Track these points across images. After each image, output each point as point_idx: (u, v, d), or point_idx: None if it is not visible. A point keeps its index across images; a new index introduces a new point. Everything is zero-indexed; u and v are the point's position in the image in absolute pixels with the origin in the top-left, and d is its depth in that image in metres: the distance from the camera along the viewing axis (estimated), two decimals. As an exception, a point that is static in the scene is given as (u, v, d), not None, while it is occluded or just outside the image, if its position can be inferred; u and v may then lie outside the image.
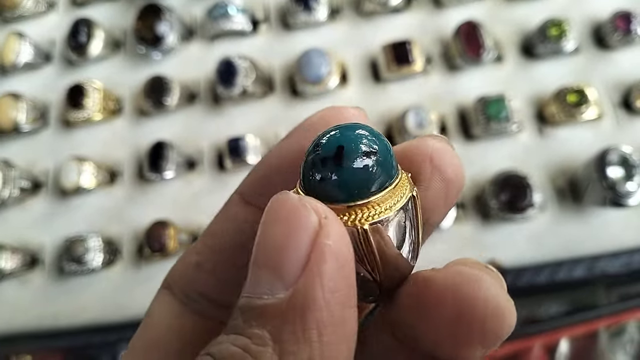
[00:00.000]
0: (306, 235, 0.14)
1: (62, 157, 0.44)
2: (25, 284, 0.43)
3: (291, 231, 0.15)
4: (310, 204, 0.15)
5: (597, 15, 0.45)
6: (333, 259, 0.14)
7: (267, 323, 0.14)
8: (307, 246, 0.14)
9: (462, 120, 0.43)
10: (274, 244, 0.15)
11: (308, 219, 0.15)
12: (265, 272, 0.15)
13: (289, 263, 0.14)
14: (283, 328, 0.14)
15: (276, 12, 0.48)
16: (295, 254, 0.14)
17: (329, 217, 0.15)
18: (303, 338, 0.14)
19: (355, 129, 0.17)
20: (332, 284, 0.14)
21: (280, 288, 0.14)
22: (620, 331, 0.40)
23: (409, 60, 0.44)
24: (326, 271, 0.14)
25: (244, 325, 0.14)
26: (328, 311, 0.14)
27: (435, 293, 0.16)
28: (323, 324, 0.14)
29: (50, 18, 0.51)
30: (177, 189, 0.44)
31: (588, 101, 0.41)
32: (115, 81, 0.48)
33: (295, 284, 0.14)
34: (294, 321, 0.14)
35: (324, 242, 0.14)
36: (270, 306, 0.14)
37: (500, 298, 0.16)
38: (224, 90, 0.44)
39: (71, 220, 0.44)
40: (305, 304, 0.14)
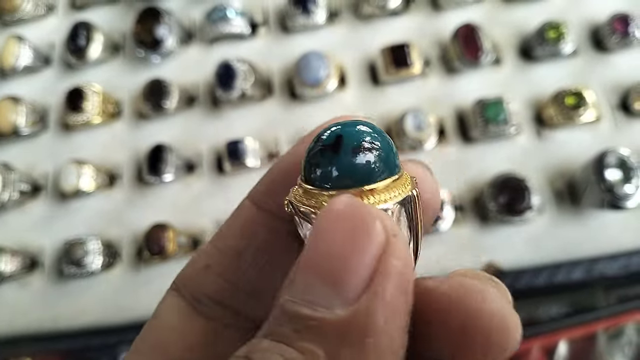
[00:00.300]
0: (373, 250, 0.13)
1: (62, 160, 0.44)
2: (24, 286, 0.43)
3: (358, 243, 0.14)
4: (379, 217, 0.14)
5: (595, 18, 0.45)
6: (398, 279, 0.14)
7: (323, 340, 0.13)
8: (373, 263, 0.13)
9: (461, 122, 0.43)
10: (336, 252, 0.14)
11: (377, 232, 0.14)
12: (322, 282, 0.14)
13: (352, 278, 0.13)
14: (340, 350, 0.13)
15: (275, 15, 0.48)
16: (360, 270, 0.13)
17: (397, 234, 0.14)
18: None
19: (356, 125, 0.17)
20: (394, 308, 0.13)
21: (339, 304, 0.13)
22: (619, 333, 0.40)
23: (407, 63, 0.44)
24: (390, 292, 0.13)
25: (293, 336, 0.13)
26: (388, 337, 0.13)
27: (437, 305, 0.16)
28: (382, 352, 0.13)
29: (50, 21, 0.51)
30: (176, 192, 0.44)
31: (586, 103, 0.41)
32: (115, 84, 0.48)
33: (356, 302, 0.13)
34: (352, 343, 0.13)
35: (391, 262, 0.14)
36: (327, 322, 0.13)
37: (506, 311, 0.15)
38: (223, 94, 0.44)
39: (71, 223, 0.44)
40: (366, 327, 0.13)
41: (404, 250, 0.14)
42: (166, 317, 0.20)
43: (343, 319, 0.13)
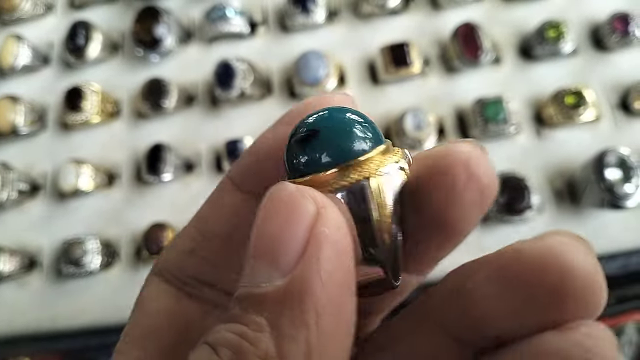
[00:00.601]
0: (304, 224, 0.15)
1: (60, 160, 0.44)
2: (23, 286, 0.43)
3: (288, 220, 0.15)
4: (308, 193, 0.15)
5: (595, 17, 0.45)
6: (330, 245, 0.14)
7: (265, 310, 0.14)
8: (304, 234, 0.14)
9: (460, 122, 0.43)
10: (271, 234, 0.15)
11: (306, 207, 0.15)
12: (262, 262, 0.15)
13: (286, 251, 0.14)
14: (280, 313, 0.14)
15: (274, 14, 0.48)
16: (293, 243, 0.14)
17: (327, 206, 0.15)
18: (300, 322, 0.14)
19: (335, 110, 0.17)
20: (330, 269, 0.14)
21: (278, 276, 0.14)
22: (618, 333, 0.40)
23: (407, 62, 0.44)
24: (323, 257, 0.14)
25: (241, 314, 0.15)
26: (326, 295, 0.14)
27: (531, 264, 0.16)
28: (321, 308, 0.14)
29: (49, 21, 0.51)
30: (175, 191, 0.44)
31: (586, 103, 0.41)
32: (113, 84, 0.48)
33: (293, 271, 0.14)
34: (292, 306, 0.14)
35: (321, 230, 0.15)
36: (267, 294, 0.14)
37: (598, 269, 0.15)
38: (222, 93, 0.44)
39: (69, 223, 0.44)
40: (302, 289, 0.14)
41: (335, 218, 0.15)
42: (153, 303, 0.20)
43: (280, 287, 0.14)
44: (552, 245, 0.16)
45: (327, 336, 0.14)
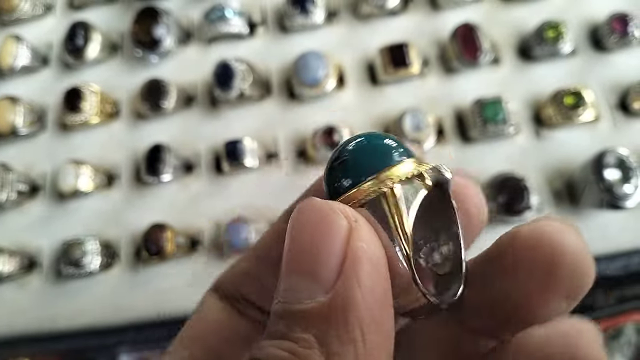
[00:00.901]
0: (339, 239, 0.15)
1: (60, 161, 0.44)
2: (23, 287, 0.43)
3: (323, 236, 0.15)
4: (338, 208, 0.15)
5: (594, 18, 0.45)
6: (367, 259, 0.15)
7: (311, 327, 0.15)
8: (341, 249, 0.15)
9: (459, 122, 0.43)
10: (307, 249, 0.15)
11: (339, 222, 0.15)
12: (300, 277, 0.15)
13: (325, 267, 0.15)
14: (327, 331, 0.14)
15: (273, 15, 0.48)
16: (331, 258, 0.15)
17: (359, 220, 0.15)
18: (347, 339, 0.14)
19: (373, 137, 0.18)
20: (369, 284, 0.15)
21: (320, 292, 0.15)
22: (618, 333, 0.40)
23: (406, 62, 0.44)
24: (362, 272, 0.15)
25: (286, 330, 0.15)
26: (368, 311, 0.15)
27: (525, 244, 0.17)
28: (365, 324, 0.14)
29: (48, 21, 0.51)
30: (175, 192, 0.44)
31: (585, 103, 0.41)
32: (113, 84, 0.48)
33: (334, 287, 0.15)
34: (337, 323, 0.14)
35: (357, 245, 0.15)
36: (312, 310, 0.15)
37: (586, 249, 0.16)
38: (221, 93, 0.44)
39: (69, 224, 0.44)
40: (346, 305, 0.14)
41: (368, 232, 0.15)
42: (206, 313, 0.22)
43: (324, 304, 0.15)
44: (544, 227, 0.17)
45: (372, 350, 0.15)
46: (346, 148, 0.18)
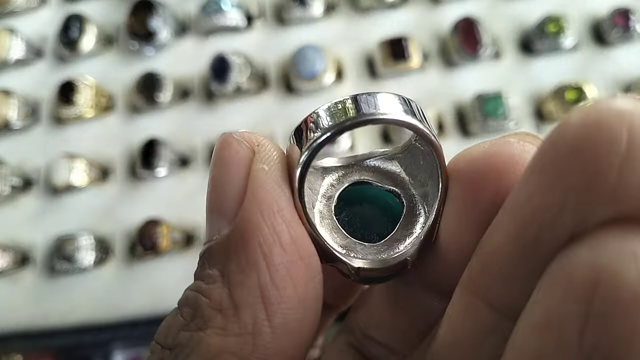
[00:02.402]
0: (238, 166, 0.14)
1: (54, 154, 0.44)
2: (15, 282, 0.42)
3: (225, 166, 0.14)
4: (241, 136, 0.15)
5: (596, 12, 0.45)
6: (269, 179, 0.14)
7: (216, 261, 0.14)
8: (242, 177, 0.14)
9: (460, 117, 0.43)
10: (215, 184, 0.15)
11: (238, 149, 0.14)
12: (212, 214, 0.15)
13: (227, 198, 0.14)
14: (229, 261, 0.14)
15: (271, 7, 0.48)
16: (233, 188, 0.14)
17: (261, 143, 0.15)
18: (248, 265, 0.14)
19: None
20: (271, 203, 0.14)
21: (225, 225, 0.14)
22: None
23: (405, 56, 0.43)
24: (261, 193, 0.14)
25: (199, 270, 0.15)
26: (271, 231, 0.14)
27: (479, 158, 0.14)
28: (268, 246, 0.14)
29: (42, 13, 0.51)
30: (170, 186, 0.43)
31: (587, 98, 0.41)
32: (108, 77, 0.47)
33: (236, 217, 0.14)
34: (236, 251, 0.14)
35: (256, 167, 0.14)
36: (216, 245, 0.14)
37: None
38: (218, 87, 0.43)
39: (62, 219, 0.43)
40: (245, 231, 0.14)
41: (269, 152, 0.15)
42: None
43: (226, 234, 0.14)
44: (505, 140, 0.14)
45: (281, 272, 0.14)
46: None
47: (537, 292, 0.11)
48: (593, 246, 0.10)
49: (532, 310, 0.11)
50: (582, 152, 0.10)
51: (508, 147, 0.14)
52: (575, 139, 0.10)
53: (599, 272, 0.09)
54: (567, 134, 0.10)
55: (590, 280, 0.09)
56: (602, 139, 0.10)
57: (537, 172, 0.11)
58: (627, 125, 0.10)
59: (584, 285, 0.10)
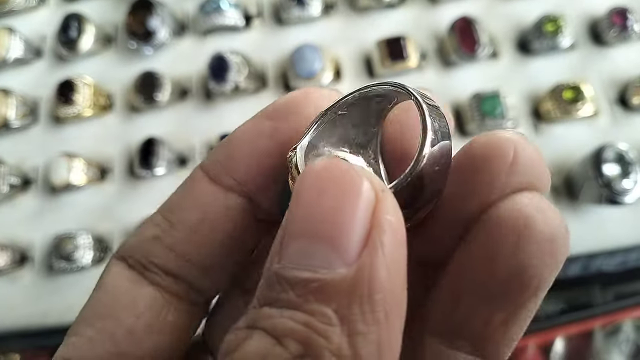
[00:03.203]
0: (365, 207, 0.13)
1: (52, 154, 0.44)
2: (14, 281, 0.42)
3: (349, 201, 0.13)
4: (365, 174, 0.14)
5: (593, 12, 0.45)
6: (394, 234, 0.14)
7: (331, 300, 0.13)
8: (367, 219, 0.13)
9: (457, 116, 0.43)
10: (326, 212, 0.13)
11: (366, 188, 0.14)
12: (318, 243, 0.13)
13: (348, 236, 0.13)
14: (350, 307, 0.13)
15: (269, 7, 0.48)
16: (355, 226, 0.13)
17: (385, 190, 0.14)
18: (372, 319, 0.13)
19: None
20: (395, 262, 0.14)
21: (339, 263, 0.13)
22: (616, 330, 0.40)
23: (403, 56, 0.43)
24: (389, 249, 0.13)
25: (298, 300, 0.13)
26: (392, 291, 0.13)
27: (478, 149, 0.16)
28: (389, 305, 0.13)
29: (41, 13, 0.51)
30: (168, 185, 0.43)
31: (584, 98, 0.41)
32: (106, 77, 0.47)
33: (358, 259, 0.13)
34: (362, 301, 0.13)
35: (384, 217, 0.13)
36: (331, 282, 0.13)
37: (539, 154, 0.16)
38: (216, 86, 0.43)
39: (61, 217, 0.43)
40: (371, 282, 0.13)
41: (395, 205, 0.14)
42: (114, 286, 0.19)
43: (347, 276, 0.13)
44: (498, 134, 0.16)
45: (394, 333, 0.14)
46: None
47: (473, 236, 0.16)
48: (511, 202, 0.15)
49: (471, 248, 0.16)
50: (487, 159, 0.16)
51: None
52: (482, 151, 0.16)
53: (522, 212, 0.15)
54: (475, 148, 0.16)
55: (520, 217, 0.15)
56: (498, 152, 0.16)
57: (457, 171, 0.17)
58: (513, 145, 0.16)
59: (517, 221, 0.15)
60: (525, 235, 0.15)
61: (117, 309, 0.19)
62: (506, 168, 0.16)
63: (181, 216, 0.19)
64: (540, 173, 0.16)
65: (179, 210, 0.20)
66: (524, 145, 0.16)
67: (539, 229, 0.15)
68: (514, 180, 0.16)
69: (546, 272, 0.15)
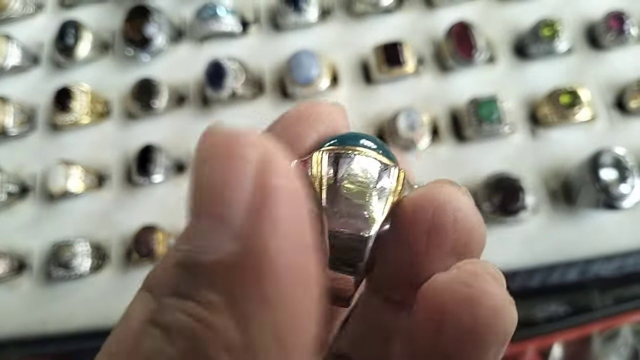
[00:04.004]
0: (250, 171, 0.12)
1: (50, 161, 0.44)
2: (12, 289, 0.42)
3: (231, 167, 0.12)
4: (250, 135, 0.13)
5: (590, 16, 0.45)
6: (285, 197, 0.12)
7: (218, 284, 0.12)
8: (252, 184, 0.12)
9: (454, 121, 0.43)
10: (212, 185, 0.12)
11: (250, 151, 0.12)
12: (206, 220, 0.12)
13: (232, 207, 0.12)
14: (236, 288, 0.12)
15: (266, 13, 0.48)
16: (239, 195, 0.12)
17: (275, 152, 0.13)
18: (261, 296, 0.12)
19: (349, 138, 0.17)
20: (291, 229, 0.12)
21: (227, 239, 0.12)
22: (614, 335, 0.40)
23: (400, 61, 0.43)
24: (279, 213, 0.12)
25: (191, 288, 0.12)
26: (289, 264, 0.12)
27: (409, 207, 0.16)
28: (286, 281, 0.12)
29: (38, 20, 0.51)
30: (166, 192, 0.43)
31: (581, 102, 0.41)
32: (104, 84, 0.47)
33: (243, 231, 0.12)
34: (249, 279, 0.12)
35: (270, 180, 0.12)
36: (218, 262, 0.12)
37: (471, 206, 0.16)
38: (213, 93, 0.43)
39: (59, 225, 0.43)
40: (259, 256, 0.12)
41: (286, 166, 0.13)
42: (136, 319, 0.19)
43: (232, 253, 0.12)
44: (429, 189, 0.16)
45: (298, 314, 0.12)
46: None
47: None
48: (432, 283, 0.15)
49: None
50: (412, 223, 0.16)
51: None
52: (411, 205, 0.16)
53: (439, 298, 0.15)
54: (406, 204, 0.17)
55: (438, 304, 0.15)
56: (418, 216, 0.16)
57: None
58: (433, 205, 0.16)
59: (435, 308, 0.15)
60: (444, 327, 0.14)
61: (138, 344, 0.18)
62: (424, 234, 0.16)
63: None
64: (466, 234, 0.16)
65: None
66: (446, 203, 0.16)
67: (461, 322, 0.14)
68: (434, 250, 0.16)
69: (478, 358, 0.14)
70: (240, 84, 0.44)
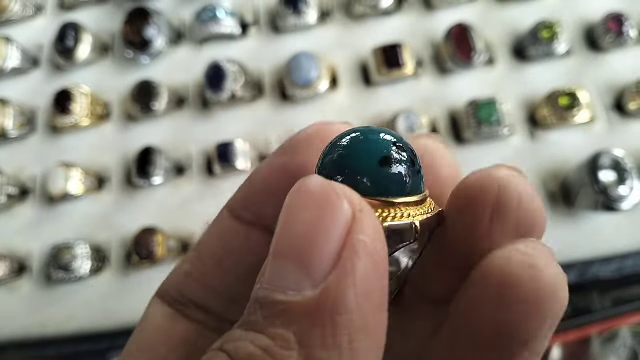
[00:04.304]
0: (339, 227, 0.13)
1: (50, 163, 0.44)
2: (12, 291, 0.42)
3: (321, 220, 0.13)
4: (343, 192, 0.13)
5: (589, 17, 0.45)
6: (367, 256, 0.13)
7: (293, 323, 0.13)
8: (339, 239, 0.13)
9: (453, 123, 0.43)
10: (301, 232, 0.13)
11: (341, 208, 0.13)
12: (289, 263, 0.13)
13: (318, 256, 0.13)
14: (310, 330, 0.13)
15: (265, 15, 0.48)
16: (327, 247, 0.13)
17: (364, 209, 0.14)
18: (333, 344, 0.12)
19: (369, 132, 0.17)
20: (366, 285, 0.13)
21: (308, 285, 0.13)
22: (613, 336, 0.40)
23: (399, 63, 0.43)
24: (359, 270, 0.13)
25: (264, 322, 0.13)
26: (360, 315, 0.13)
27: (469, 185, 0.17)
28: (355, 330, 0.13)
29: (38, 22, 0.51)
30: (166, 194, 0.43)
31: (580, 104, 0.41)
32: (103, 86, 0.47)
33: (325, 281, 0.13)
34: (324, 324, 0.13)
35: (357, 238, 0.13)
36: (296, 304, 0.13)
37: (531, 190, 0.16)
38: (213, 95, 0.43)
39: (58, 227, 0.43)
40: (336, 305, 0.13)
41: (373, 226, 0.14)
42: (151, 320, 0.21)
43: (311, 299, 0.13)
44: (490, 172, 0.17)
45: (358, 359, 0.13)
46: (340, 143, 0.16)
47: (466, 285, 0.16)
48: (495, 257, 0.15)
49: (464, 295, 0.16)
50: (471, 202, 0.16)
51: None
52: (466, 193, 0.17)
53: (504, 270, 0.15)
54: (461, 190, 0.17)
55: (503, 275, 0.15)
56: (481, 195, 0.16)
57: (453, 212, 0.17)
58: (497, 185, 0.16)
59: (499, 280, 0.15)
60: (506, 296, 0.15)
61: (157, 345, 0.20)
62: (488, 213, 0.16)
63: (207, 249, 0.21)
64: (530, 215, 0.16)
65: (206, 245, 0.21)
66: (510, 184, 0.16)
67: (523, 290, 0.15)
68: (497, 229, 0.16)
69: (535, 329, 0.15)
70: (239, 85, 0.44)
